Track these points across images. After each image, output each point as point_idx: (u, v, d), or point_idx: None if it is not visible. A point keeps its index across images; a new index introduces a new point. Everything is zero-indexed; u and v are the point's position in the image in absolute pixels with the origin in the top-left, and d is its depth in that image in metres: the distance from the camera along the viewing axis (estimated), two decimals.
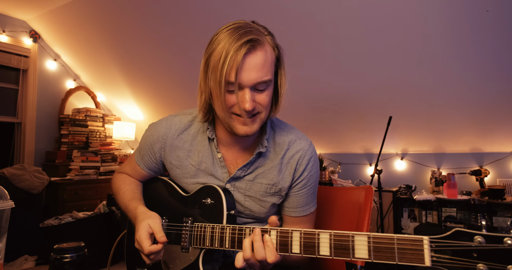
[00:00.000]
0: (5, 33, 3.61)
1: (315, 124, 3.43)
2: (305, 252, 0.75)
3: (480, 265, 0.58)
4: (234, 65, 0.81)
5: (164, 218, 1.04)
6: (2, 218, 0.77)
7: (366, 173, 3.45)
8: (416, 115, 2.91)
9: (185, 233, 0.96)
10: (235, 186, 1.02)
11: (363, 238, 0.68)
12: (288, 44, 2.77)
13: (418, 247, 0.63)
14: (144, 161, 1.12)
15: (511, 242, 0.56)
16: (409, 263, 0.63)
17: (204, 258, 0.92)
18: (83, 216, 3.14)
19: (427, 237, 0.62)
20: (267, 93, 0.89)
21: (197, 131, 1.06)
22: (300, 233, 0.75)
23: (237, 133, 0.91)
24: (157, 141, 1.07)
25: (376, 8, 2.28)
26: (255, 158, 1.00)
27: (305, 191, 1.02)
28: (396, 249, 0.65)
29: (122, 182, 1.15)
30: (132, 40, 3.43)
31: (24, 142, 3.79)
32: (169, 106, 4.12)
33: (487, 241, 0.58)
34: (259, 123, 0.91)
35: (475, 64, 2.35)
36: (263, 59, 0.85)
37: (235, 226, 0.86)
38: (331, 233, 0.72)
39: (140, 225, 0.91)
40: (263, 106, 0.89)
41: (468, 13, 2.09)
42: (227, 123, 0.91)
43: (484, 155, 2.92)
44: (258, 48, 0.84)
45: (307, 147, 1.02)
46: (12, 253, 3.07)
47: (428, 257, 0.61)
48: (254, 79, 0.84)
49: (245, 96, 0.85)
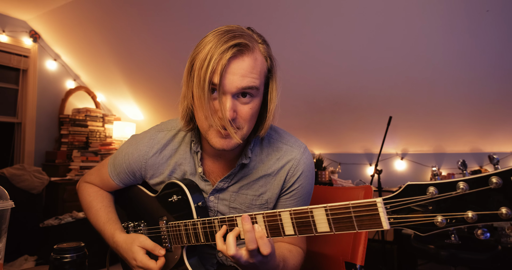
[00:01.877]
0: (5, 33, 3.61)
1: (315, 124, 3.43)
2: (272, 234, 0.73)
3: (438, 217, 0.53)
4: (218, 68, 0.75)
5: (143, 222, 1.03)
6: (2, 218, 0.76)
7: (366, 173, 3.45)
8: (416, 115, 2.91)
9: (164, 235, 0.96)
10: (219, 198, 0.97)
11: (321, 212, 0.66)
12: (288, 44, 2.77)
13: (373, 211, 0.59)
14: (119, 178, 1.05)
15: (463, 186, 0.51)
16: (369, 229, 0.60)
17: (188, 253, 0.92)
18: (83, 216, 3.14)
19: (380, 199, 0.59)
20: (251, 106, 0.81)
21: (180, 143, 0.99)
22: (263, 217, 0.74)
23: (214, 147, 0.83)
24: (137, 161, 1.00)
25: (376, 8, 2.28)
26: (237, 170, 0.94)
27: (293, 202, 0.96)
28: (354, 217, 0.62)
29: (93, 198, 1.07)
30: (132, 40, 3.43)
31: (24, 142, 3.79)
32: (169, 106, 4.12)
33: (440, 190, 0.53)
34: (239, 138, 0.81)
35: (475, 64, 2.35)
36: (251, 65, 0.78)
37: (204, 220, 0.84)
38: (290, 211, 0.70)
39: (133, 251, 0.89)
40: (245, 119, 0.81)
41: (468, 13, 2.09)
42: (204, 134, 0.84)
43: (484, 155, 2.92)
44: (246, 53, 0.78)
45: (299, 156, 0.94)
46: (12, 253, 3.07)
47: (385, 220, 0.58)
48: (238, 84, 0.76)
49: (226, 103, 0.77)
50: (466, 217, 0.51)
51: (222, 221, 0.81)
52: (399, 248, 2.76)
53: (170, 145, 0.99)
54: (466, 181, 0.51)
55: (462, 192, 0.51)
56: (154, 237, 1.00)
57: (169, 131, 1.01)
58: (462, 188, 0.51)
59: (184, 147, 0.99)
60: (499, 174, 0.49)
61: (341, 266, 1.20)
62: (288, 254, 0.91)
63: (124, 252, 0.93)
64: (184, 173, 0.99)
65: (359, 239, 1.18)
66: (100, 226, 1.02)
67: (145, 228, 1.03)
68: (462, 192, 0.51)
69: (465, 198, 0.52)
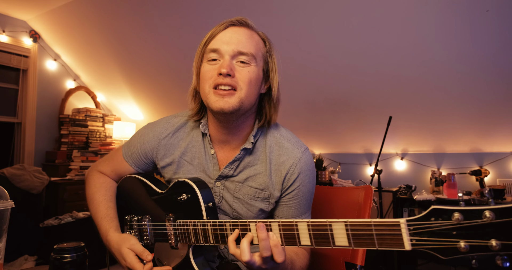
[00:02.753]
0: (5, 33, 3.61)
1: (315, 124, 3.43)
2: (287, 243, 0.73)
3: (461, 243, 0.54)
4: (216, 34, 0.88)
5: (148, 217, 1.04)
6: (2, 218, 0.77)
7: (366, 173, 3.45)
8: (416, 115, 2.91)
9: (170, 232, 0.96)
10: (225, 185, 1.00)
11: (341, 226, 0.66)
12: (288, 44, 2.77)
13: (396, 231, 0.59)
14: (132, 158, 1.09)
15: (489, 215, 0.51)
16: (389, 248, 0.60)
17: (194, 252, 0.92)
18: (83, 216, 3.14)
19: (403, 220, 0.59)
20: (249, 70, 0.88)
21: (192, 128, 1.05)
22: (279, 225, 0.74)
23: (212, 108, 0.88)
24: (151, 140, 1.06)
25: (376, 8, 2.29)
26: (242, 155, 0.97)
27: (296, 203, 0.98)
28: (375, 235, 0.62)
29: (97, 189, 1.10)
30: (132, 40, 3.43)
31: (24, 142, 3.79)
32: (169, 106, 4.12)
33: (466, 217, 0.54)
34: (237, 100, 0.87)
35: (475, 64, 2.35)
36: (248, 35, 0.89)
37: (215, 222, 0.84)
38: (308, 223, 0.70)
39: (123, 253, 0.92)
40: (243, 81, 0.87)
41: (468, 13, 2.09)
42: (206, 100, 0.90)
43: (484, 155, 2.92)
44: (243, 28, 0.89)
45: (299, 155, 0.96)
46: (12, 253, 3.07)
47: (407, 241, 0.58)
48: (234, 47, 0.87)
49: (224, 62, 0.87)
50: (490, 245, 0.52)
51: (234, 225, 0.81)
52: None
53: (183, 128, 1.06)
54: (493, 211, 0.52)
55: (488, 221, 0.52)
56: (159, 233, 1.00)
57: (183, 116, 1.07)
58: (488, 217, 0.52)
59: (197, 132, 1.04)
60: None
61: (341, 266, 1.20)
62: (295, 256, 0.93)
63: (115, 251, 0.96)
64: (195, 155, 1.03)
65: None
66: (98, 220, 1.05)
67: (150, 223, 1.03)
68: (489, 221, 0.52)
69: (490, 227, 0.52)
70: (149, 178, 1.11)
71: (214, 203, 0.92)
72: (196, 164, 1.02)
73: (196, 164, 1.02)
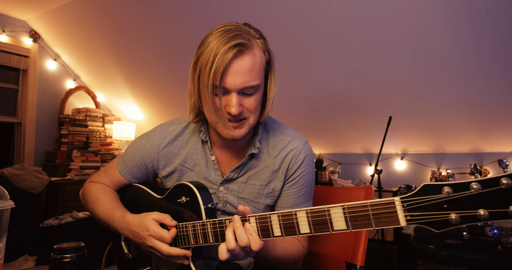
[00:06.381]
0: (5, 33, 3.61)
1: (315, 124, 3.43)
2: (287, 233, 0.75)
3: (452, 215, 0.58)
4: (220, 69, 0.81)
5: None
6: (2, 218, 0.77)
7: (366, 173, 3.45)
8: (416, 115, 2.91)
9: None
10: (228, 189, 1.01)
11: (338, 210, 0.68)
12: (288, 44, 2.77)
13: (391, 209, 0.63)
14: (131, 173, 1.09)
15: (476, 187, 0.55)
16: (385, 226, 0.64)
17: (193, 255, 0.92)
18: (83, 216, 3.14)
19: (398, 198, 0.63)
20: (255, 98, 0.89)
21: (191, 134, 1.05)
22: (278, 216, 0.76)
23: (224, 137, 0.91)
24: (149, 152, 1.05)
25: (376, 8, 2.28)
26: (248, 160, 1.00)
27: (295, 191, 1.01)
28: (371, 215, 0.65)
29: (100, 192, 1.08)
30: (132, 40, 3.43)
31: (24, 142, 3.79)
32: (169, 106, 4.12)
33: (455, 190, 0.58)
34: (247, 128, 0.91)
35: (475, 64, 2.35)
36: (251, 63, 0.85)
37: (214, 220, 0.85)
38: (307, 211, 0.73)
39: (146, 223, 0.89)
40: (250, 111, 0.89)
41: (468, 13, 2.09)
42: (214, 127, 0.91)
43: (484, 155, 2.92)
44: (246, 52, 0.84)
45: (301, 146, 1.01)
46: (12, 253, 3.07)
47: (402, 217, 0.62)
48: (240, 83, 0.84)
49: (231, 100, 0.85)
50: (478, 214, 0.56)
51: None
52: (399, 248, 2.76)
53: (182, 136, 1.05)
54: (479, 182, 0.56)
55: (475, 192, 0.56)
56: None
57: (180, 124, 1.07)
58: (475, 188, 0.56)
59: (196, 138, 1.04)
60: (509, 176, 0.54)
61: (341, 266, 1.20)
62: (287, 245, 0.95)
63: (136, 227, 0.92)
64: (196, 162, 1.03)
65: (359, 239, 1.18)
66: (109, 211, 1.01)
67: None
68: (475, 191, 0.56)
69: (477, 198, 0.56)
70: (147, 184, 1.11)
71: (213, 204, 0.93)
72: (197, 170, 1.03)
73: (198, 171, 1.03)
